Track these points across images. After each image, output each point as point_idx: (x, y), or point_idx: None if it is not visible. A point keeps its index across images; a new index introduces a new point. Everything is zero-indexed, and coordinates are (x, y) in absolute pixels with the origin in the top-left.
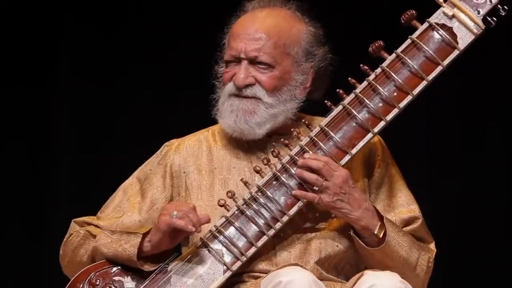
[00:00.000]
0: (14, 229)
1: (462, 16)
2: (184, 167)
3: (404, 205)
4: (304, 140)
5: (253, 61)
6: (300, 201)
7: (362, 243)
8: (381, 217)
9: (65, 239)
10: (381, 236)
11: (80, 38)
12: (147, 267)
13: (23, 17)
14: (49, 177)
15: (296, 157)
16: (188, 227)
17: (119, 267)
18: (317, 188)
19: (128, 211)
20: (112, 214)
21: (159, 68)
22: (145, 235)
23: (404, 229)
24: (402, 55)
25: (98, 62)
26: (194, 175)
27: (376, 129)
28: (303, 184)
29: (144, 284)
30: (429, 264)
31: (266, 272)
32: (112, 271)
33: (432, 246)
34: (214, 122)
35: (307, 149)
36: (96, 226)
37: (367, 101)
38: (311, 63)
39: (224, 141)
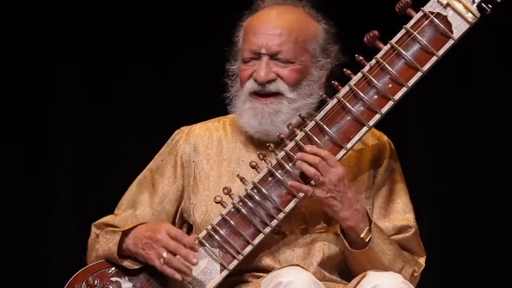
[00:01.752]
0: (14, 230)
1: (456, 4)
2: (193, 156)
3: (400, 212)
4: (300, 135)
5: (273, 57)
6: (296, 198)
7: (346, 243)
8: (370, 222)
9: (88, 244)
10: (366, 240)
11: (80, 39)
12: (126, 264)
13: (22, 16)
14: (49, 179)
15: (291, 153)
16: (175, 276)
17: (116, 268)
18: (313, 182)
19: (141, 206)
20: (128, 210)
21: (160, 69)
22: (126, 232)
23: (395, 237)
24: (396, 46)
25: (99, 63)
26: (202, 164)
27: (371, 123)
28: (298, 179)
29: (141, 285)
30: (413, 278)
31: (269, 269)
32: (109, 272)
33: (422, 260)
34: None
35: (302, 144)
36: (112, 226)
37: (361, 94)
38: (328, 59)
39: (235, 134)
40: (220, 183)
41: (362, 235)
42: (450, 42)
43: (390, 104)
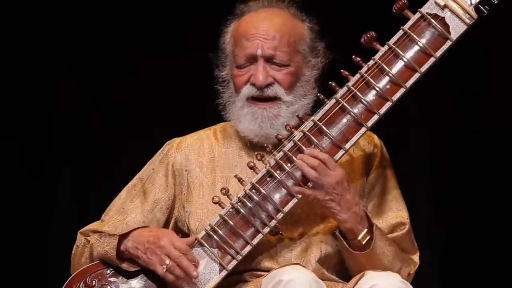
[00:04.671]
0: (14, 231)
1: (454, 5)
2: (185, 165)
3: (393, 210)
4: (298, 135)
5: (269, 60)
6: (294, 198)
7: (346, 244)
8: (371, 224)
9: (72, 253)
10: (363, 243)
11: (80, 49)
12: (124, 266)
13: (23, 27)
14: (49, 187)
15: (289, 153)
16: (176, 283)
17: (114, 269)
18: (310, 185)
19: (132, 213)
20: (116, 216)
21: (159, 78)
22: (123, 236)
23: (389, 235)
24: (394, 47)
25: (98, 72)
26: (195, 172)
27: (369, 123)
28: (297, 180)
29: (140, 285)
30: (409, 277)
31: (268, 270)
32: (107, 272)
33: (416, 258)
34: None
35: (301, 144)
36: (102, 232)
37: (359, 94)
38: (317, 58)
39: (226, 140)
40: (214, 189)
41: (359, 238)
42: (448, 44)
43: (388, 105)
